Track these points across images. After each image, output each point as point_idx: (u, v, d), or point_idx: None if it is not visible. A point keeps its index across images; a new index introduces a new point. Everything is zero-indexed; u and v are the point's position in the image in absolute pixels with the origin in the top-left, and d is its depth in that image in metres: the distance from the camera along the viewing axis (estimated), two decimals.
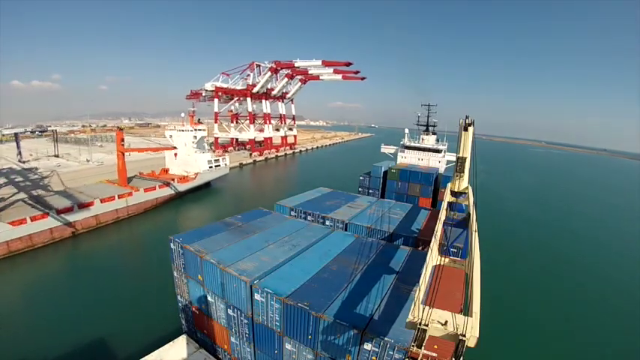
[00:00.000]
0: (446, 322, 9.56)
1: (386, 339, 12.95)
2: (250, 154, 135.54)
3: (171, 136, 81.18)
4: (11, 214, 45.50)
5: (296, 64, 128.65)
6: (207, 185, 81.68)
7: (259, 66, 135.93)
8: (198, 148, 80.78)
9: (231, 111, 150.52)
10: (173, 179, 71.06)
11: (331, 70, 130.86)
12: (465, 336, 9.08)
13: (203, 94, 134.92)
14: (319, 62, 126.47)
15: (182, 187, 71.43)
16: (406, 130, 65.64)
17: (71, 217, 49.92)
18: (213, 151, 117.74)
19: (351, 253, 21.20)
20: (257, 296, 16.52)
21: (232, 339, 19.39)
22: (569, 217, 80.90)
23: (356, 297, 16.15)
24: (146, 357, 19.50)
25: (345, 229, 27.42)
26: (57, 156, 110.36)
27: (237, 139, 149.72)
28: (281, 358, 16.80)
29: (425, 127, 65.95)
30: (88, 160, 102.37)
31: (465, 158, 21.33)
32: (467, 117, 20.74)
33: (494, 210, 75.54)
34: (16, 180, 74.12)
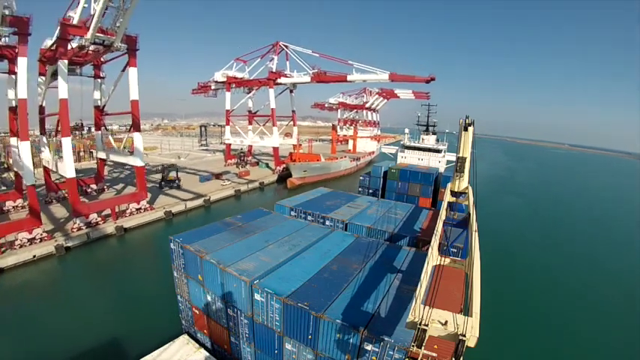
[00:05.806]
0: (446, 322, 9.57)
1: (386, 339, 12.93)
2: None
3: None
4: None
5: (395, 91, 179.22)
6: None
7: (367, 89, 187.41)
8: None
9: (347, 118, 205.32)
10: (370, 154, 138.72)
11: (412, 93, 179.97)
12: (465, 336, 9.08)
13: (326, 105, 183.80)
14: (410, 91, 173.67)
15: (372, 157, 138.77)
16: (406, 130, 65.80)
17: (355, 163, 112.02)
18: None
19: (352, 253, 21.19)
20: (257, 296, 16.52)
21: (232, 339, 19.39)
22: (571, 216, 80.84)
23: (356, 297, 16.14)
24: (146, 357, 19.45)
25: (345, 229, 27.36)
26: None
27: None
28: (281, 358, 16.79)
29: (425, 127, 66.07)
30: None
31: (465, 158, 21.34)
32: (467, 117, 20.79)
33: (494, 207, 75.56)
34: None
